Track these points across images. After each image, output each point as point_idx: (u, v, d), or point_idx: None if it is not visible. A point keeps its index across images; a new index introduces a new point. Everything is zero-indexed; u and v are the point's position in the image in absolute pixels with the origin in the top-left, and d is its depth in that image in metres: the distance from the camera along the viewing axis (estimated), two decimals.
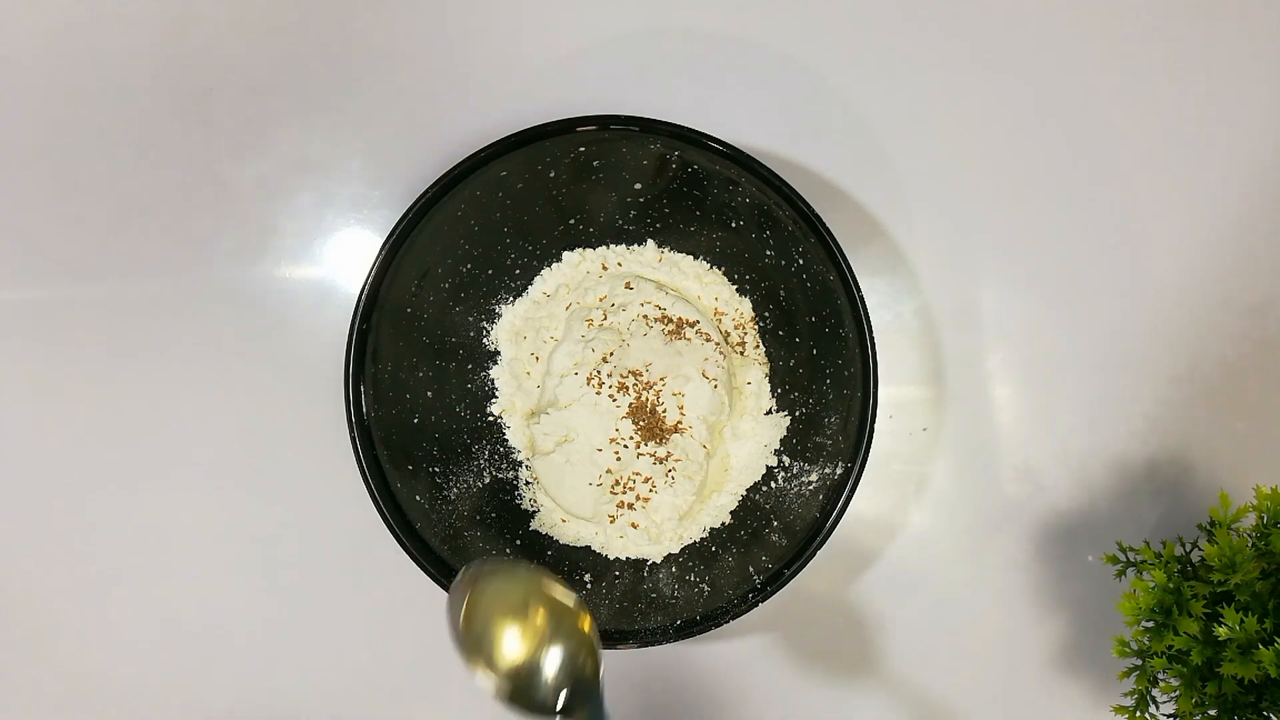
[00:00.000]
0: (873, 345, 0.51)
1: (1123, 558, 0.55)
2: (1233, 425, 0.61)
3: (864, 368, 0.52)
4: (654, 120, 0.51)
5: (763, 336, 0.60)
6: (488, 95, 0.62)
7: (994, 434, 0.61)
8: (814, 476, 0.55)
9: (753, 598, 0.52)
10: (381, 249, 0.51)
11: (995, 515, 0.61)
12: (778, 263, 0.57)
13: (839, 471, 0.53)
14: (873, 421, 0.52)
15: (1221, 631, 0.47)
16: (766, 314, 0.60)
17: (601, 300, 0.60)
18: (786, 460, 0.58)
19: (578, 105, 0.61)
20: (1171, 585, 0.50)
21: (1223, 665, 0.47)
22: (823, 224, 0.51)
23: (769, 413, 0.60)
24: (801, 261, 0.55)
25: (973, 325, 0.62)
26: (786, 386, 0.59)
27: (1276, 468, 0.61)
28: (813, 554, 0.52)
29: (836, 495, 0.52)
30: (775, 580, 0.52)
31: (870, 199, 0.62)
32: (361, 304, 0.52)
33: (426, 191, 0.51)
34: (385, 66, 0.62)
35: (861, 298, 0.51)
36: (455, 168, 0.51)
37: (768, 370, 0.60)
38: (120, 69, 0.62)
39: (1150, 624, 0.50)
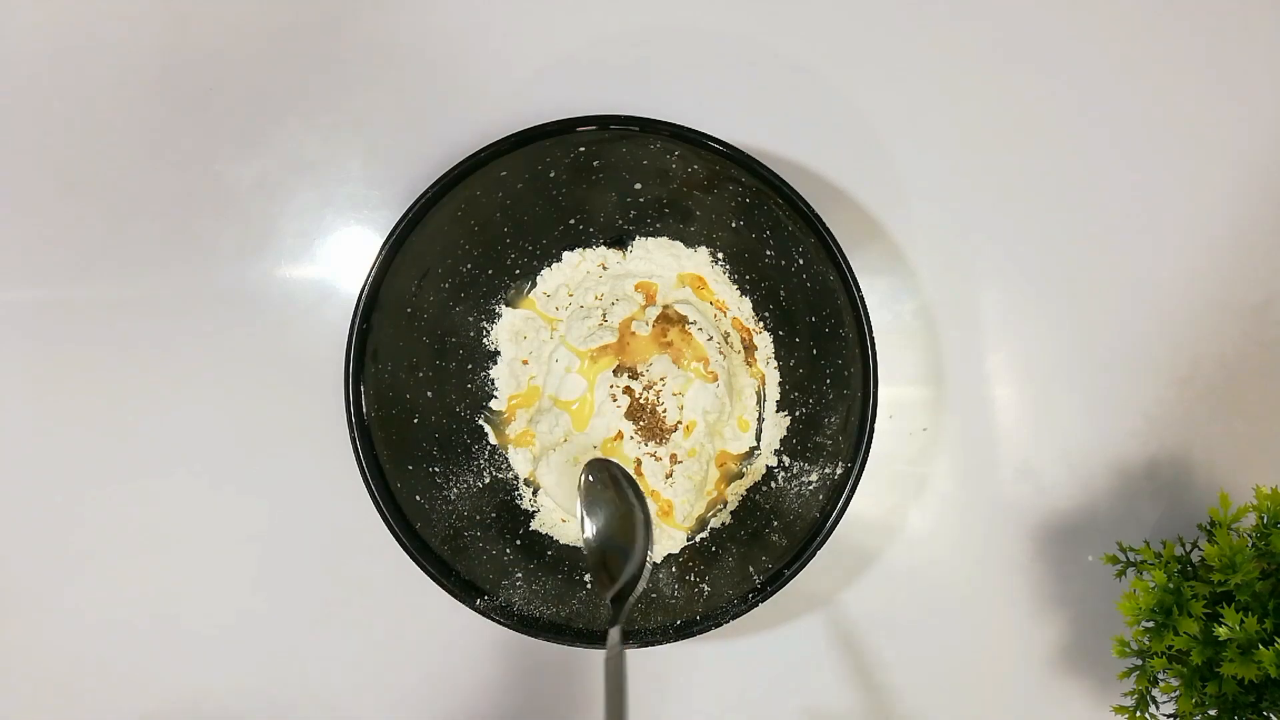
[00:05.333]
0: (873, 345, 0.51)
1: (1123, 558, 0.55)
2: (1233, 425, 0.61)
3: (864, 368, 0.52)
4: (654, 120, 0.51)
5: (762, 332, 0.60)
6: (488, 95, 0.62)
7: (994, 434, 0.61)
8: (814, 476, 0.55)
9: (753, 598, 0.52)
10: (381, 249, 0.51)
11: (995, 515, 0.61)
12: (778, 263, 0.56)
13: (839, 471, 0.53)
14: (873, 421, 0.52)
15: (1221, 631, 0.47)
16: (766, 314, 0.60)
17: (600, 299, 0.60)
18: (786, 460, 0.58)
19: (578, 105, 0.61)
20: (1171, 585, 0.50)
21: (1223, 665, 0.47)
22: (823, 224, 0.51)
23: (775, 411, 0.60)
24: (801, 261, 0.55)
25: (973, 325, 0.62)
26: (786, 386, 0.59)
27: (1276, 468, 0.61)
28: (813, 554, 0.52)
29: (836, 495, 0.52)
30: (775, 580, 0.52)
31: (870, 199, 0.62)
32: (361, 304, 0.52)
33: (426, 191, 0.51)
34: (385, 66, 0.62)
35: (861, 298, 0.51)
36: (455, 168, 0.51)
37: (778, 367, 0.60)
38: (121, 69, 0.62)
39: (1150, 624, 0.50)
